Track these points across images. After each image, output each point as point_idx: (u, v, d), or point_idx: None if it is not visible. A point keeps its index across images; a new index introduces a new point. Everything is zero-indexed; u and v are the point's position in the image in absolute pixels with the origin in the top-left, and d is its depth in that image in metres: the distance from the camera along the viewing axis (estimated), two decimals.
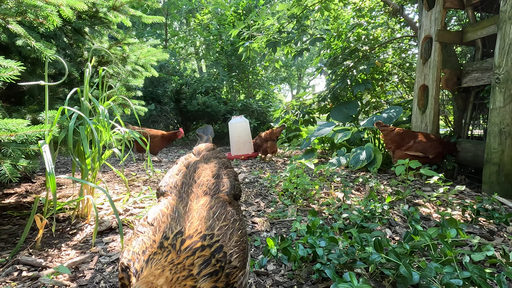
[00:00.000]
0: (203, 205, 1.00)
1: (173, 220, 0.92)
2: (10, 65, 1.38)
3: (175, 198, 1.07)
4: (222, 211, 0.99)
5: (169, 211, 0.97)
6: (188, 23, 15.11)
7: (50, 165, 1.50)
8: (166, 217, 0.94)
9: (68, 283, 1.38)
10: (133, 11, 2.54)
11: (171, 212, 0.96)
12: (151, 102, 7.01)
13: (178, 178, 1.20)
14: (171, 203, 1.02)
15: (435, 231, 1.47)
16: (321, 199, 2.57)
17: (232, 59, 9.79)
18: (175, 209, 0.98)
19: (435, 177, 2.36)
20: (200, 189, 1.12)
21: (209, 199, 1.05)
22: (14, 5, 1.61)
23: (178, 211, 0.97)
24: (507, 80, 2.56)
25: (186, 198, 1.06)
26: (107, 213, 2.23)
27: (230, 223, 0.95)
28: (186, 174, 1.22)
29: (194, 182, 1.16)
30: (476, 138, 3.40)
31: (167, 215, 0.95)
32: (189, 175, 1.20)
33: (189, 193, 1.09)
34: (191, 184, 1.14)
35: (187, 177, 1.19)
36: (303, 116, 6.00)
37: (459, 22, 4.88)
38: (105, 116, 1.98)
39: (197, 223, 0.91)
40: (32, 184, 3.12)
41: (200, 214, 0.95)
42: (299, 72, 25.37)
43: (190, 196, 1.07)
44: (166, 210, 0.98)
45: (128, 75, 2.77)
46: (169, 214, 0.96)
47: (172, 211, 0.97)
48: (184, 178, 1.19)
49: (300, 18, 5.03)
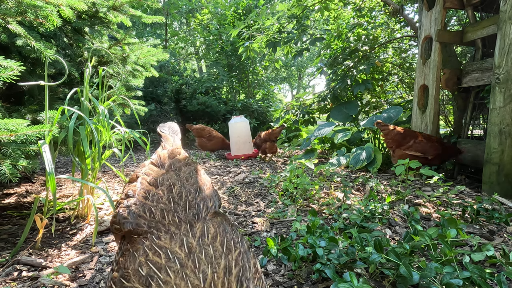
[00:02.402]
0: (212, 242, 0.72)
1: (179, 278, 0.62)
2: (10, 65, 1.38)
3: (163, 237, 0.73)
4: (235, 242, 0.74)
5: (164, 259, 0.66)
6: (188, 23, 15.12)
7: (50, 165, 1.50)
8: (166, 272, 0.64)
9: (68, 283, 1.38)
10: (133, 11, 2.54)
11: (167, 262, 0.65)
12: (151, 102, 7.00)
13: (152, 203, 0.86)
14: (161, 248, 0.69)
15: (435, 231, 1.47)
16: (321, 199, 2.57)
17: (232, 59, 9.80)
18: (171, 257, 0.67)
19: (435, 177, 2.36)
20: (189, 213, 0.84)
21: (215, 228, 0.79)
22: (14, 5, 1.61)
23: (178, 260, 0.66)
24: (507, 80, 2.56)
25: (177, 233, 0.75)
26: (107, 213, 2.23)
27: (252, 265, 0.70)
28: (160, 196, 0.90)
29: (177, 205, 0.86)
30: (476, 138, 3.40)
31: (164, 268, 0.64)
32: (166, 197, 0.90)
33: (177, 223, 0.79)
34: (175, 210, 0.84)
35: (164, 200, 0.88)
36: (303, 116, 6.00)
37: (459, 22, 4.88)
38: (105, 116, 1.98)
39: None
40: (32, 184, 3.12)
41: (219, 263, 0.66)
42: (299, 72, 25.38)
43: (180, 227, 0.77)
44: (159, 259, 0.67)
45: (128, 75, 2.77)
46: (165, 264, 0.65)
47: (168, 259, 0.66)
48: (161, 203, 0.87)
49: (300, 18, 5.03)
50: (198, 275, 0.62)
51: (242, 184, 3.13)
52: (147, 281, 0.62)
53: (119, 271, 0.70)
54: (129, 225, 0.82)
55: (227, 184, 3.15)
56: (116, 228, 0.89)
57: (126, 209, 0.87)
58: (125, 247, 0.78)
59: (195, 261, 0.65)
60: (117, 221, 0.87)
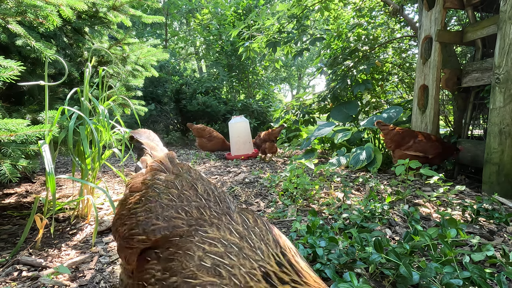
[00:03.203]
0: (255, 225, 0.78)
1: (242, 258, 0.69)
2: (10, 65, 1.38)
3: (210, 230, 0.77)
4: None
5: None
6: (188, 23, 15.12)
7: (50, 165, 1.50)
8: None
9: (68, 283, 1.38)
10: (133, 11, 2.54)
11: (226, 248, 0.70)
12: (151, 102, 7.01)
13: (183, 203, 0.87)
14: (214, 239, 0.73)
15: (435, 231, 1.47)
16: (321, 199, 2.57)
17: (232, 59, 9.80)
18: (227, 244, 0.72)
19: (435, 177, 2.36)
20: (223, 206, 0.88)
21: (251, 215, 0.83)
22: (14, 5, 1.61)
23: (234, 244, 0.72)
24: (507, 80, 2.56)
25: (221, 223, 0.79)
26: (107, 213, 2.23)
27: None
28: (188, 196, 0.91)
29: (209, 201, 0.89)
30: (476, 138, 3.40)
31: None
32: (194, 196, 0.91)
33: (217, 216, 0.82)
34: (209, 206, 0.87)
35: (194, 198, 0.90)
36: (303, 116, 6.00)
37: (459, 22, 4.88)
38: (105, 116, 1.98)
39: (303, 263, 0.69)
40: (32, 184, 3.12)
41: (268, 239, 0.74)
42: (299, 72, 25.39)
43: (222, 219, 0.81)
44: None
45: (128, 75, 2.77)
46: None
47: (225, 246, 0.71)
48: (193, 202, 0.88)
49: (300, 18, 5.03)
50: (256, 251, 0.69)
51: (242, 184, 3.13)
52: (216, 270, 0.66)
53: (177, 275, 0.68)
54: (162, 230, 0.81)
55: (227, 184, 3.15)
56: (136, 240, 0.84)
57: (149, 216, 0.85)
58: (166, 253, 0.75)
59: (249, 242, 0.72)
60: (139, 232, 0.84)
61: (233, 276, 0.65)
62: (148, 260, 0.78)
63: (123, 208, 0.99)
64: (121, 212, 0.99)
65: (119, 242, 0.94)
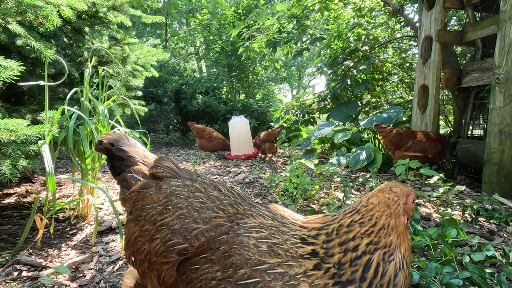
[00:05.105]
0: (278, 211, 0.93)
1: (281, 233, 0.83)
2: (10, 65, 1.38)
3: (248, 221, 0.86)
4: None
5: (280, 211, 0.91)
6: (188, 23, 15.12)
7: (50, 165, 1.50)
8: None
9: (68, 283, 1.38)
10: (133, 11, 2.54)
11: (268, 230, 0.83)
12: (151, 102, 7.00)
13: (216, 203, 0.92)
14: (255, 227, 0.84)
15: (435, 231, 1.47)
16: (321, 199, 2.57)
17: (232, 59, 9.80)
18: (267, 227, 0.84)
19: (435, 177, 2.36)
20: (248, 201, 0.97)
21: (272, 206, 0.97)
22: (14, 5, 1.61)
23: (272, 226, 0.85)
24: (507, 80, 2.56)
25: (254, 214, 0.89)
26: (107, 213, 2.23)
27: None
28: (216, 196, 0.95)
29: (236, 198, 0.96)
30: (476, 138, 3.40)
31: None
32: (222, 195, 0.95)
33: (248, 209, 0.92)
34: (238, 202, 0.94)
35: (224, 197, 0.95)
36: (303, 116, 6.00)
37: (459, 22, 4.88)
38: (105, 116, 1.98)
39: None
40: (32, 184, 3.12)
41: (291, 215, 0.91)
42: (299, 72, 25.39)
43: (253, 211, 0.91)
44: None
45: (128, 75, 2.77)
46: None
47: (267, 228, 0.84)
48: (225, 200, 0.94)
49: (300, 18, 5.03)
50: (286, 226, 0.84)
51: (242, 184, 3.13)
52: (274, 250, 0.76)
53: (244, 267, 0.74)
54: (206, 232, 0.84)
55: (227, 184, 3.15)
56: (177, 251, 0.83)
57: (186, 222, 0.86)
58: (219, 252, 0.79)
59: (280, 221, 0.86)
60: (179, 241, 0.84)
61: (286, 251, 0.76)
62: (197, 268, 0.80)
63: (142, 224, 0.92)
64: (140, 229, 0.92)
65: (147, 263, 0.88)
